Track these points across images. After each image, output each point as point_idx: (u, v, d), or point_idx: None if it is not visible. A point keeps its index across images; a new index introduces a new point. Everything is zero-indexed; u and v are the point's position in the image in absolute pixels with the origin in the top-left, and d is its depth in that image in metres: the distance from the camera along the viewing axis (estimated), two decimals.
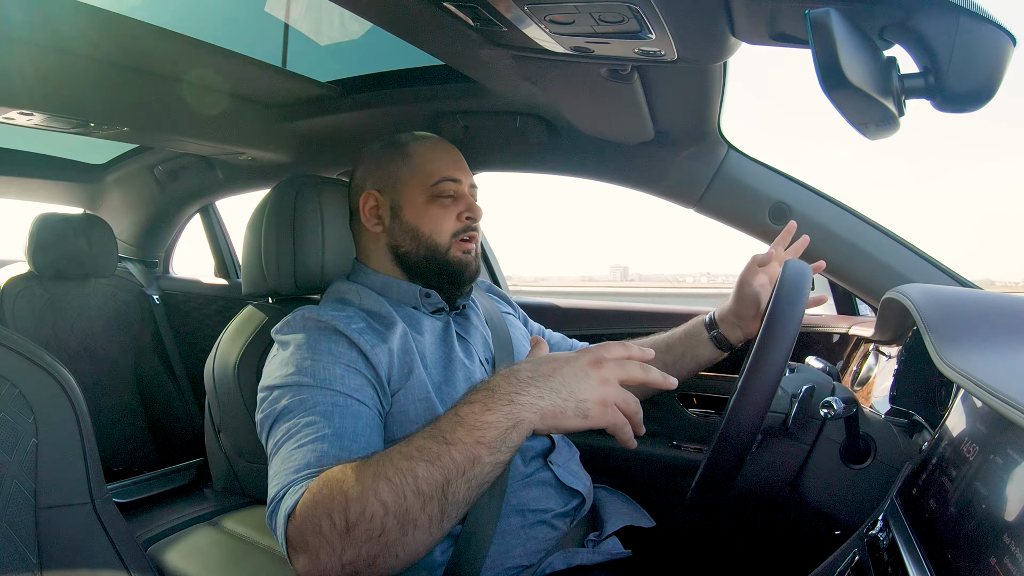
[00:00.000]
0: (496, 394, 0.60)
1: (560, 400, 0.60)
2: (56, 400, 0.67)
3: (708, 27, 0.73)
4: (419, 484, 0.58)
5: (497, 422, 0.59)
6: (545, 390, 0.60)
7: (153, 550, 0.97)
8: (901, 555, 0.49)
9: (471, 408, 0.60)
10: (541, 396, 0.60)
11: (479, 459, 0.58)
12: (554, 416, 0.60)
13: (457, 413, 0.61)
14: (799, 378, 0.84)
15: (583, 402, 0.60)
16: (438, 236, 0.91)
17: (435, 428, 0.61)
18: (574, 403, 0.60)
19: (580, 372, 0.62)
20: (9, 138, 1.80)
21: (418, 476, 0.58)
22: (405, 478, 0.58)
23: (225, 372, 1.07)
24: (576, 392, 0.61)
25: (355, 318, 0.83)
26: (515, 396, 0.60)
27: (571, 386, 0.61)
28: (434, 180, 0.91)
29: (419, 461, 0.59)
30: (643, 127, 1.12)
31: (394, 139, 0.97)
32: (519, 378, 0.61)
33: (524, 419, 0.59)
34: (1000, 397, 0.44)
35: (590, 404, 0.61)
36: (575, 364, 0.63)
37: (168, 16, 1.08)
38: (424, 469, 0.58)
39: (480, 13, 0.75)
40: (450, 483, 0.58)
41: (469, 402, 0.61)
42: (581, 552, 0.86)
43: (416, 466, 0.58)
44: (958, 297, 0.72)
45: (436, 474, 0.58)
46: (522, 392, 0.60)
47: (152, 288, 2.19)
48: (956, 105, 0.55)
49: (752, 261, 0.99)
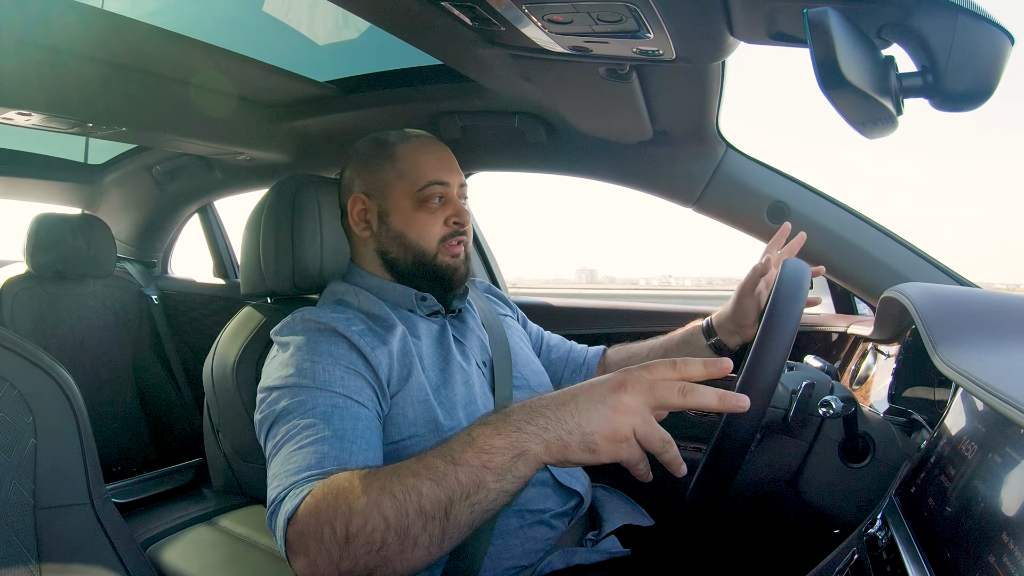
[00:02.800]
0: (509, 419, 0.57)
1: (564, 433, 0.55)
2: (55, 400, 0.66)
3: (706, 26, 0.73)
4: (422, 502, 0.57)
5: (503, 448, 0.56)
6: (552, 420, 0.56)
7: (152, 550, 0.96)
8: (900, 554, 0.49)
9: (483, 430, 0.58)
10: (546, 428, 0.56)
11: (484, 484, 0.56)
12: (559, 450, 0.55)
13: (470, 433, 0.58)
14: (798, 376, 0.84)
15: (588, 435, 0.54)
16: (425, 242, 0.89)
17: (447, 447, 0.59)
18: (579, 436, 0.55)
19: (596, 399, 0.56)
20: (7, 138, 1.80)
21: (422, 494, 0.57)
22: (409, 495, 0.57)
23: (224, 372, 1.07)
24: (583, 424, 0.55)
25: (355, 320, 0.82)
26: (524, 424, 0.56)
27: (580, 416, 0.55)
28: (420, 185, 0.89)
29: (425, 479, 0.57)
30: (641, 126, 1.12)
31: (381, 139, 0.94)
32: (535, 405, 0.57)
33: (529, 450, 0.56)
34: (999, 396, 0.44)
35: (596, 438, 0.54)
36: (596, 389, 0.56)
37: (166, 16, 1.08)
38: (429, 488, 0.57)
39: (478, 12, 0.75)
40: (453, 505, 0.56)
41: (484, 423, 0.58)
42: (580, 551, 0.86)
43: (422, 484, 0.57)
44: (957, 296, 0.72)
45: (440, 494, 0.56)
46: (531, 421, 0.56)
47: (151, 288, 2.18)
48: (954, 104, 0.55)
49: (752, 271, 0.99)
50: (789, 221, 1.16)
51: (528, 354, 1.03)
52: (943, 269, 1.12)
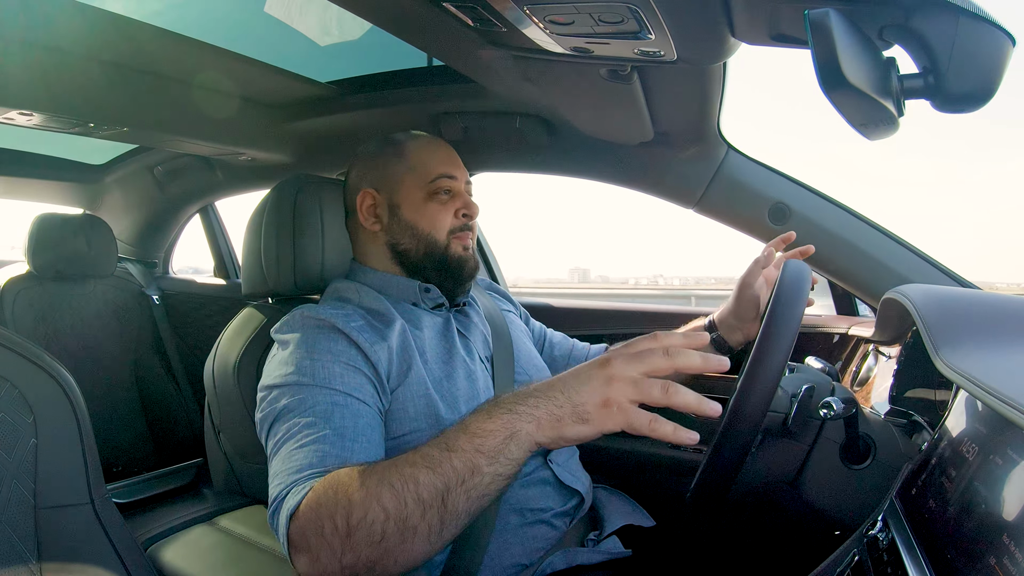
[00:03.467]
0: (500, 403, 0.60)
1: (555, 407, 0.57)
2: (56, 400, 0.67)
3: (708, 27, 0.73)
4: (420, 491, 0.58)
5: (495, 430, 0.58)
6: (543, 399, 0.58)
7: (153, 550, 0.97)
8: (901, 555, 0.49)
9: (476, 416, 0.60)
10: (537, 406, 0.58)
11: (478, 469, 0.57)
12: (552, 425, 0.57)
13: (463, 420, 0.60)
14: (799, 378, 0.84)
15: (580, 406, 0.57)
16: (436, 233, 0.91)
17: (442, 436, 0.61)
18: (570, 408, 0.57)
19: (584, 375, 0.58)
20: (9, 138, 1.80)
21: (419, 483, 0.58)
22: (407, 484, 0.58)
23: (225, 372, 1.07)
24: (573, 396, 0.57)
25: (354, 316, 0.83)
26: (515, 405, 0.59)
27: (569, 391, 0.58)
28: (431, 177, 0.92)
29: (422, 468, 0.58)
30: (643, 127, 1.12)
31: (389, 138, 0.98)
32: (526, 389, 0.60)
33: (521, 429, 0.57)
34: (1000, 397, 0.44)
35: (588, 407, 0.57)
36: (583, 368, 0.59)
37: (168, 16, 1.08)
38: (425, 476, 0.58)
39: (479, 13, 0.75)
40: (449, 491, 0.57)
41: (476, 411, 0.60)
42: (581, 551, 0.86)
43: (418, 472, 0.58)
44: (957, 297, 0.72)
45: (436, 481, 0.57)
46: (522, 402, 0.59)
47: (152, 288, 2.18)
48: (955, 105, 0.55)
49: (754, 264, 0.99)
50: (790, 222, 1.16)
51: (530, 349, 1.03)
52: (944, 270, 1.12)
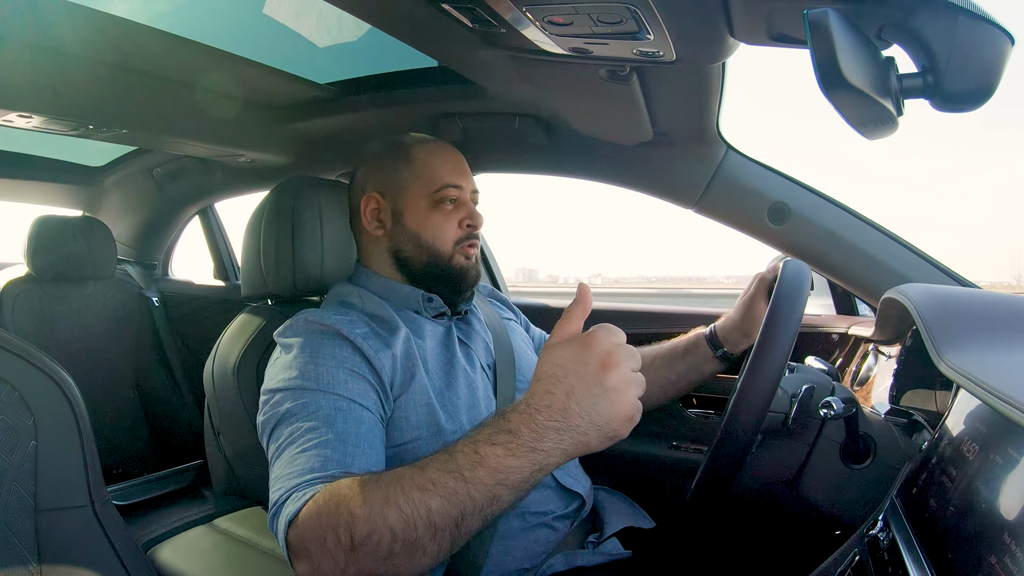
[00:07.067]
0: (519, 438, 0.57)
1: (581, 436, 0.57)
2: (55, 402, 0.66)
3: (707, 28, 0.73)
4: (432, 517, 0.57)
5: (521, 467, 0.57)
6: (565, 431, 0.56)
7: (153, 552, 0.96)
8: (901, 555, 0.49)
9: (493, 450, 0.57)
10: (562, 440, 0.57)
11: (499, 498, 0.57)
12: (581, 451, 0.57)
13: (477, 451, 0.58)
14: (799, 378, 0.84)
15: (605, 427, 0.57)
16: (440, 243, 0.90)
17: (452, 461, 0.58)
18: (595, 432, 0.57)
19: (592, 385, 0.57)
20: (8, 141, 1.80)
21: (432, 509, 0.57)
22: (417, 510, 0.57)
23: (225, 374, 1.07)
24: (595, 418, 0.56)
25: (359, 322, 0.82)
26: (537, 444, 0.57)
27: (587, 413, 0.56)
28: (436, 186, 0.90)
29: (434, 495, 0.57)
30: (642, 128, 1.12)
31: (396, 141, 0.96)
32: (536, 422, 0.57)
33: (550, 464, 0.57)
34: (1000, 396, 0.44)
35: (615, 425, 0.57)
36: (583, 375, 0.57)
37: (167, 18, 1.08)
38: (439, 504, 0.57)
39: (478, 14, 0.75)
40: (465, 518, 0.57)
41: (492, 443, 0.58)
42: (582, 553, 0.86)
43: (430, 500, 0.57)
44: (958, 297, 0.72)
45: (452, 510, 0.57)
46: (543, 438, 0.57)
47: (151, 290, 2.18)
48: (954, 105, 0.55)
49: (761, 283, 0.99)
50: (789, 222, 1.17)
51: (531, 357, 1.03)
52: (944, 270, 1.12)
